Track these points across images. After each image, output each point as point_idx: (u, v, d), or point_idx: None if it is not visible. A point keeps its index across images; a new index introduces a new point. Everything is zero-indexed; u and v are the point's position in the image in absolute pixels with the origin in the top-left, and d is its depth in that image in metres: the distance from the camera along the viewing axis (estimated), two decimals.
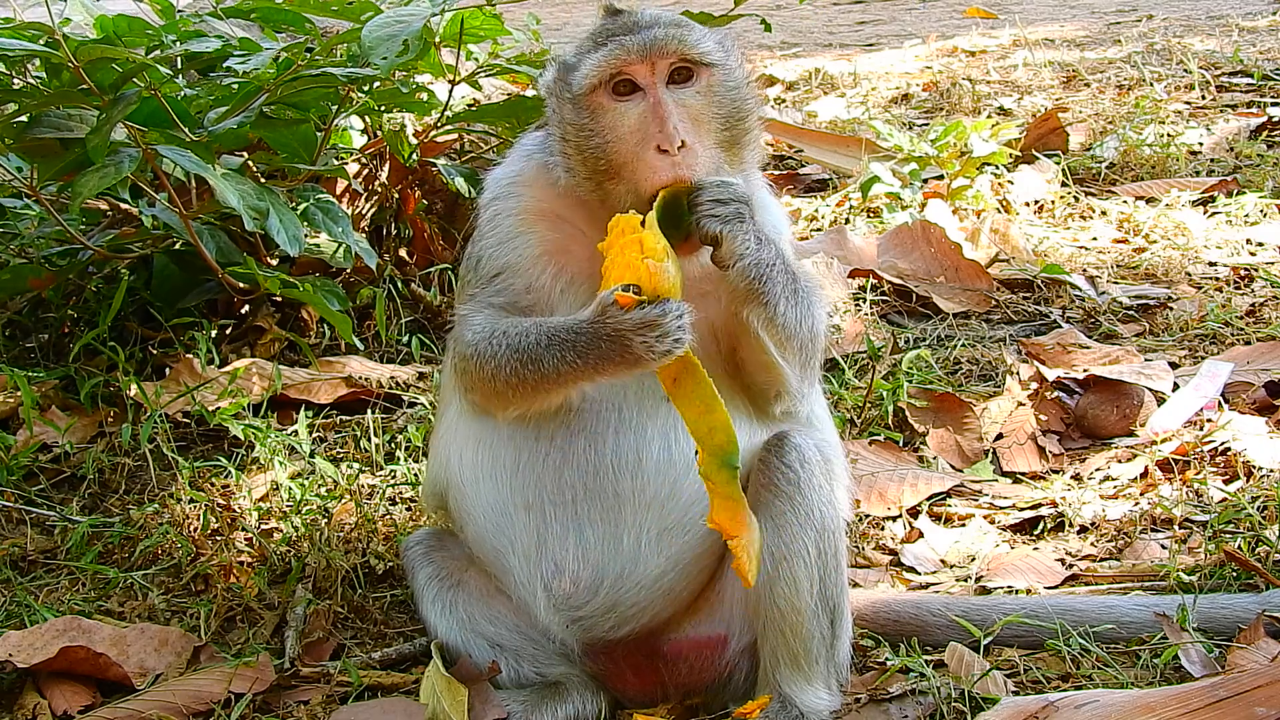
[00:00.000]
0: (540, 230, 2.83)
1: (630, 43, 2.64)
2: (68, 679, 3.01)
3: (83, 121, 3.99)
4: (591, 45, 2.73)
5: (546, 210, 2.84)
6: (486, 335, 2.73)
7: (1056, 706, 2.55)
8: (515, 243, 2.83)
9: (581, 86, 2.68)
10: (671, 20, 2.73)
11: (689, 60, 2.67)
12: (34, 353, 4.53)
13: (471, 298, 2.87)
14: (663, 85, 2.66)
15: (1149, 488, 3.72)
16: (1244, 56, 8.32)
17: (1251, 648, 2.85)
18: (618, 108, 2.67)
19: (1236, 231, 5.61)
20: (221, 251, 4.38)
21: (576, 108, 2.71)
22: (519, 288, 2.82)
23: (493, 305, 2.82)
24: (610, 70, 2.65)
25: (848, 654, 2.88)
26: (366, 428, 4.07)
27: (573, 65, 2.74)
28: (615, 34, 2.68)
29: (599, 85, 2.67)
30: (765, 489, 2.74)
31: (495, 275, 2.83)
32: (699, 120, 2.68)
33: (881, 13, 12.44)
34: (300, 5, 4.58)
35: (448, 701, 2.76)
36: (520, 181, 2.90)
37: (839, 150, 6.80)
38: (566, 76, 2.75)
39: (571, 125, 2.73)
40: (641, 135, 2.64)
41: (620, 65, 2.65)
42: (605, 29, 2.73)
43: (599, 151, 2.69)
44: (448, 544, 3.03)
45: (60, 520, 3.72)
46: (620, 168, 2.67)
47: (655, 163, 2.61)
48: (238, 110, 4.05)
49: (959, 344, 4.66)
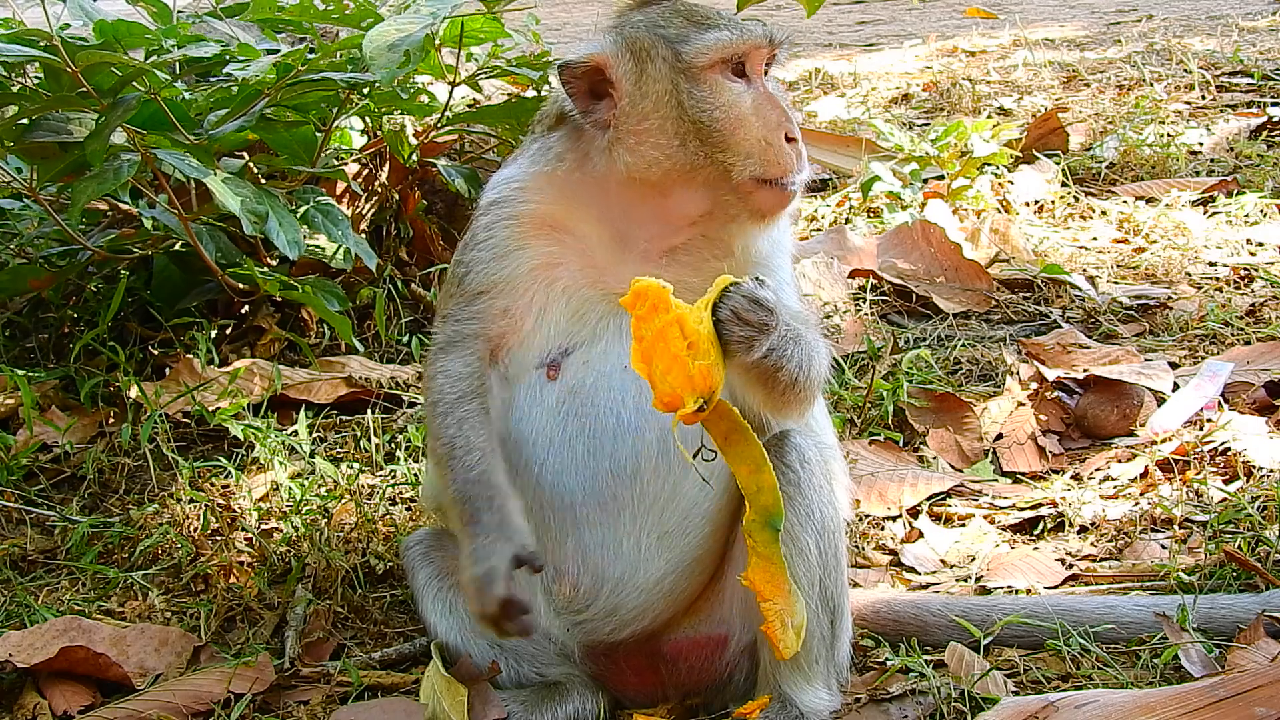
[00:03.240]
0: (535, 245, 2.82)
1: (755, 30, 2.76)
2: (68, 679, 3.01)
3: (82, 125, 3.99)
4: (694, 24, 2.77)
5: (545, 219, 2.83)
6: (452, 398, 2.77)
7: (1056, 706, 2.55)
8: (507, 260, 2.82)
9: (704, 58, 2.72)
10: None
11: (784, 49, 2.83)
12: (34, 353, 4.53)
13: (449, 318, 2.87)
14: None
15: (1149, 488, 3.72)
16: (1244, 56, 8.32)
17: (1251, 648, 2.85)
18: (734, 88, 2.74)
19: (1236, 231, 5.61)
20: (221, 252, 4.38)
21: (691, 79, 2.73)
22: (496, 312, 2.82)
23: (466, 340, 2.82)
24: (737, 51, 2.73)
25: (848, 654, 2.88)
26: (366, 428, 4.07)
27: (680, 38, 2.76)
28: (718, 17, 2.78)
29: (720, 62, 2.73)
30: None
31: (479, 294, 2.83)
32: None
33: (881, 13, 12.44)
34: (300, 12, 4.58)
35: (448, 701, 2.76)
36: (522, 185, 2.88)
37: (839, 150, 6.80)
38: (675, 46, 2.76)
39: (681, 98, 2.74)
40: (765, 120, 2.73)
41: (748, 48, 2.74)
42: (696, 11, 2.80)
43: (718, 125, 2.72)
44: (448, 544, 3.03)
45: (60, 520, 3.72)
46: (741, 143, 2.72)
47: (784, 151, 2.72)
48: (238, 114, 4.05)
49: (959, 344, 4.66)
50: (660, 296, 2.44)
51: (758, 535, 2.51)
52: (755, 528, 2.51)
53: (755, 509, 2.50)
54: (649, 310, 2.44)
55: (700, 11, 2.80)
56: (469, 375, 2.80)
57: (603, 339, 2.79)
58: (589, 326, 2.80)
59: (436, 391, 2.80)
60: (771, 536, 2.50)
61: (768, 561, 2.51)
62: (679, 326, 2.42)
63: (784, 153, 2.72)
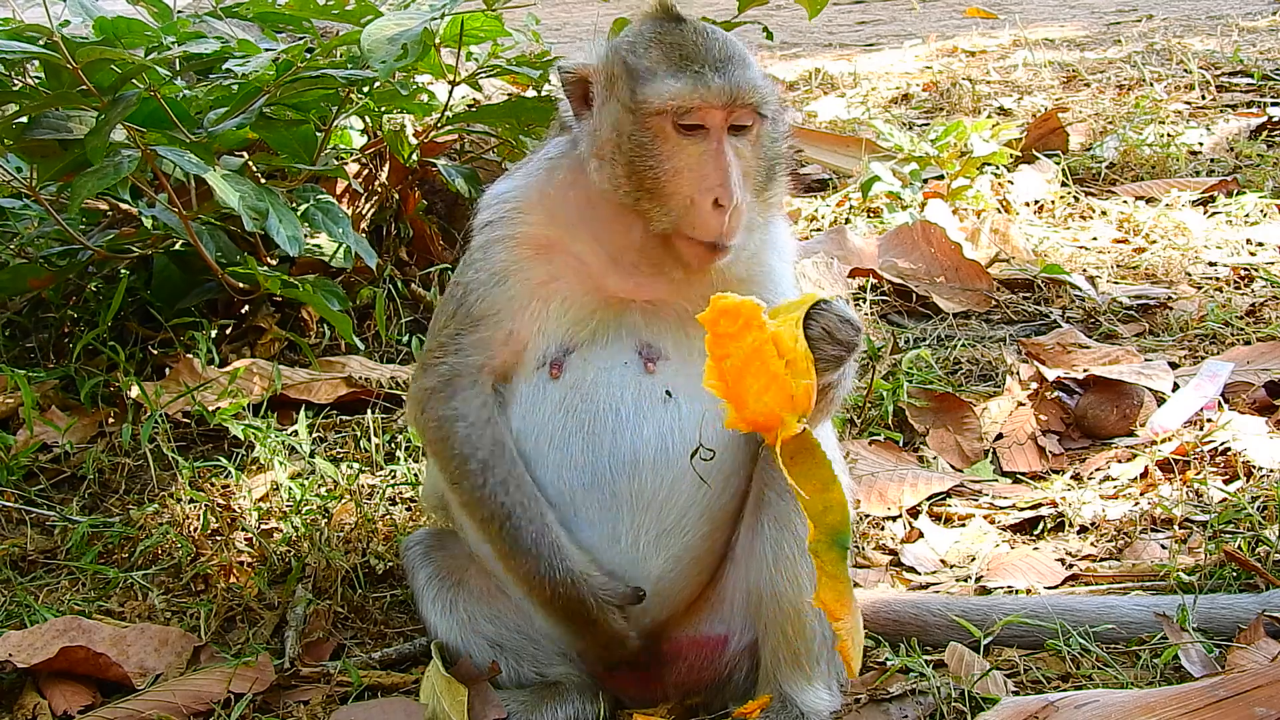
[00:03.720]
0: (533, 267, 2.78)
1: (715, 85, 2.57)
2: (68, 679, 3.01)
3: (82, 123, 3.99)
4: (664, 61, 2.62)
5: (544, 239, 2.79)
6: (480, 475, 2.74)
7: (1056, 706, 2.55)
8: (507, 283, 2.78)
9: (649, 106, 2.60)
10: (740, 56, 2.64)
11: (758, 111, 2.64)
12: (34, 353, 4.53)
13: (449, 344, 2.80)
14: (727, 132, 2.62)
15: (1149, 488, 3.72)
16: (1244, 56, 8.32)
17: (1251, 648, 2.85)
18: (680, 140, 2.61)
19: (1236, 231, 5.61)
20: (221, 252, 4.38)
21: (636, 121, 2.63)
22: (499, 339, 2.78)
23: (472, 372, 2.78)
24: (687, 105, 2.58)
25: None
26: (366, 428, 4.07)
27: (639, 73, 2.63)
28: (693, 61, 2.60)
29: (668, 111, 2.59)
30: (769, 488, 2.74)
31: (480, 320, 2.78)
32: (746, 173, 2.66)
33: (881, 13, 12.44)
34: (300, 9, 4.58)
35: (448, 701, 2.76)
36: (519, 204, 2.83)
37: (839, 150, 6.81)
38: (631, 82, 2.64)
39: (624, 135, 2.65)
40: (700, 179, 2.60)
41: (698, 105, 2.58)
42: (677, 45, 2.63)
43: (649, 173, 2.63)
44: (448, 544, 3.03)
45: (60, 520, 3.72)
46: (668, 198, 2.63)
47: (709, 216, 2.59)
48: (237, 111, 4.05)
49: (959, 344, 4.66)
50: (752, 314, 2.37)
51: (825, 555, 2.44)
52: (822, 547, 2.44)
53: (822, 528, 2.43)
54: (739, 328, 2.37)
55: (682, 49, 2.63)
56: (488, 421, 2.76)
57: (603, 338, 2.79)
58: (589, 328, 2.79)
59: (460, 444, 2.75)
60: (840, 555, 2.44)
61: (836, 580, 2.45)
62: (775, 345, 2.37)
63: (707, 218, 2.59)
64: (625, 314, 2.79)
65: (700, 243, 2.64)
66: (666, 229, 2.66)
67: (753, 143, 2.67)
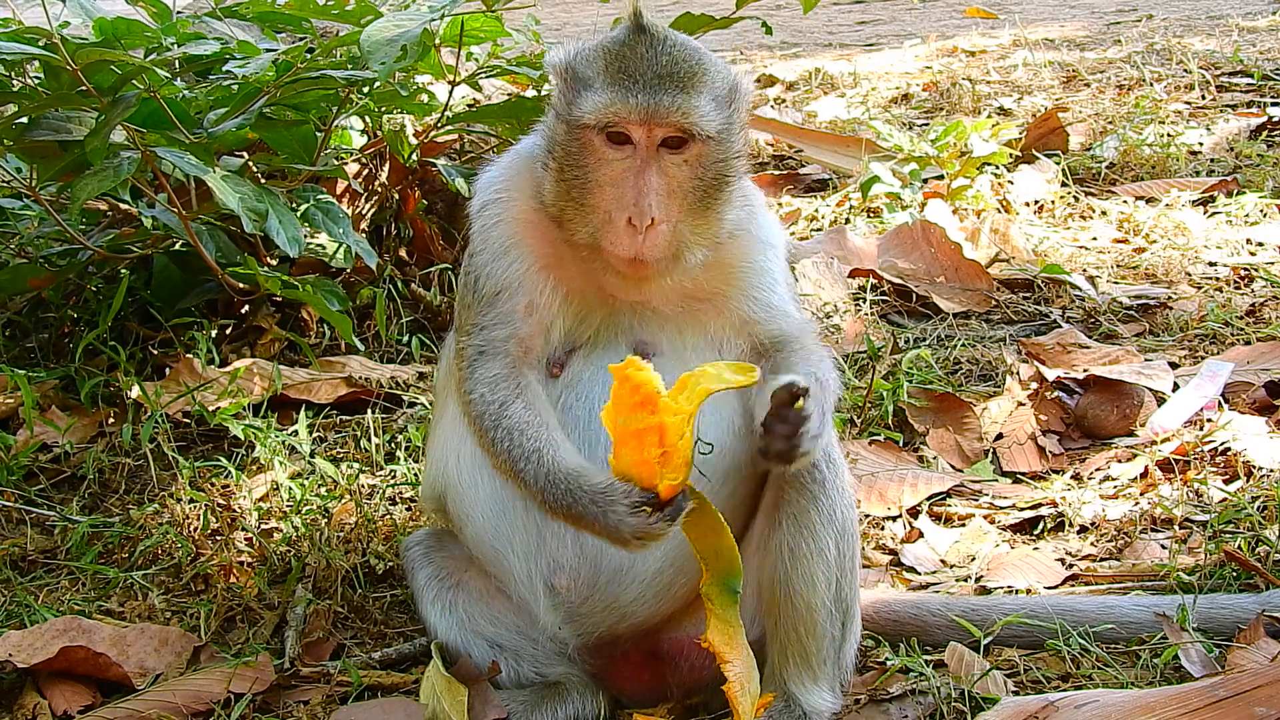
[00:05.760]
0: (532, 242, 2.80)
1: (634, 103, 2.56)
2: (68, 679, 3.01)
3: (82, 123, 3.99)
4: (603, 73, 2.61)
5: (535, 220, 2.80)
6: (495, 408, 2.70)
7: (1056, 706, 2.55)
8: (510, 256, 2.79)
9: (577, 118, 2.62)
10: (687, 74, 2.60)
11: (687, 132, 2.61)
12: (34, 353, 4.53)
13: (474, 329, 2.80)
14: (654, 148, 2.60)
15: (1149, 488, 3.72)
16: (1244, 56, 8.32)
17: (1251, 648, 2.85)
18: (606, 153, 2.62)
19: (1236, 231, 5.61)
20: (221, 252, 4.38)
21: (569, 131, 2.66)
22: (520, 309, 2.78)
23: (497, 344, 2.77)
24: (607, 120, 2.58)
25: (853, 657, 2.88)
26: (366, 428, 4.07)
27: (579, 83, 2.64)
28: (626, 75, 2.58)
29: (595, 125, 2.60)
30: (790, 485, 2.74)
31: (496, 295, 2.78)
32: (675, 192, 2.63)
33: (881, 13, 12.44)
34: (300, 9, 4.58)
35: (448, 701, 2.76)
36: (508, 186, 2.85)
37: (839, 150, 6.81)
38: (570, 92, 2.66)
39: (557, 143, 2.68)
40: (617, 196, 2.60)
41: (619, 120, 2.58)
42: (621, 57, 2.61)
43: (575, 184, 2.65)
44: (448, 544, 3.03)
45: (60, 520, 3.72)
46: (590, 211, 2.65)
47: (621, 235, 2.60)
48: (237, 112, 4.05)
49: (959, 344, 4.66)
50: (649, 398, 2.38)
51: (716, 598, 2.52)
52: (714, 591, 2.52)
53: (713, 572, 2.52)
54: (635, 403, 2.38)
55: (624, 61, 2.60)
56: (505, 378, 2.75)
57: (603, 338, 2.80)
58: (592, 328, 2.81)
59: (480, 404, 2.73)
60: (730, 599, 2.52)
61: (726, 624, 2.53)
62: (658, 435, 2.39)
63: (620, 234, 2.59)
64: (619, 312, 2.80)
65: (621, 258, 2.64)
66: (586, 240, 2.67)
67: (690, 162, 2.64)
